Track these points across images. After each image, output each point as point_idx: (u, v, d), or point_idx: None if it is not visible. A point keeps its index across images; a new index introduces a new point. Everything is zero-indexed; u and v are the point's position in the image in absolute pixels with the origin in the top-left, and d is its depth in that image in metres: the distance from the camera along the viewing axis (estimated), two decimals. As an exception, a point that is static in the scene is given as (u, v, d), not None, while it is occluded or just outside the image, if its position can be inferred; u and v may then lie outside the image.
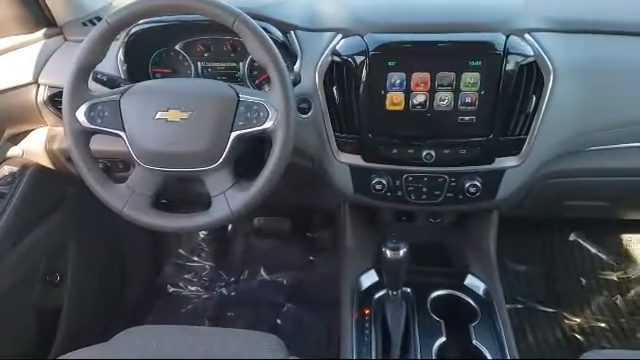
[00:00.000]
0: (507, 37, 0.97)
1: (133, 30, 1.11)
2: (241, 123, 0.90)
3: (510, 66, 0.96)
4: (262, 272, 1.92)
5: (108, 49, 0.93)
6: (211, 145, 0.90)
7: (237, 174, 0.95)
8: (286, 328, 1.70)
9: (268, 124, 0.89)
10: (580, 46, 1.04)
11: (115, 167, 1.22)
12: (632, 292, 1.73)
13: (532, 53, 0.97)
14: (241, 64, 1.19)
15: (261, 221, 1.93)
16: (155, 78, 1.20)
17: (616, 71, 1.04)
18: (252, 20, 0.89)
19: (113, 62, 1.12)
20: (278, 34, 1.09)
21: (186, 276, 1.93)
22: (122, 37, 1.12)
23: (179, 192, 1.18)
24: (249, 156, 1.03)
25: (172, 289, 1.88)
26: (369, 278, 1.18)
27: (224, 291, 1.87)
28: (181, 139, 0.91)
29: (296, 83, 1.00)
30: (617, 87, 1.03)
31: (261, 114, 0.89)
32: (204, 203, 0.94)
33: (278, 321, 1.73)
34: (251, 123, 0.90)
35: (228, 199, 0.92)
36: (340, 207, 1.31)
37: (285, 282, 1.88)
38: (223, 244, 2.01)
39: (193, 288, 1.89)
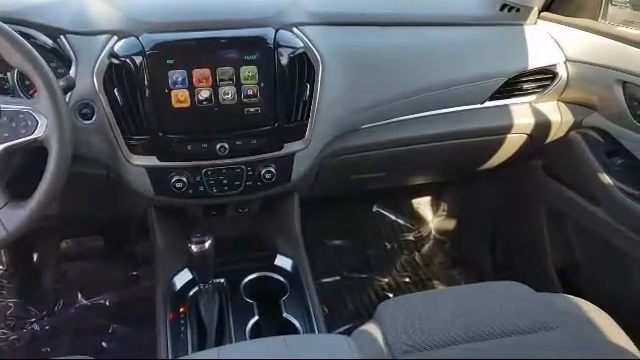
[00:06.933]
0: (277, 31, 1.05)
1: None
2: (6, 135, 0.83)
3: (283, 58, 1.04)
4: (80, 298, 1.77)
5: None
6: None
7: (15, 192, 0.87)
8: (113, 349, 1.60)
9: (38, 133, 0.84)
10: (343, 36, 1.17)
11: None
12: (425, 247, 2.03)
13: (301, 45, 1.07)
14: (9, 74, 1.08)
15: (69, 244, 1.78)
16: None
17: (374, 57, 1.19)
18: (2, 24, 0.82)
19: None
20: (45, 39, 1.02)
21: (-15, 320, 1.70)
22: None
23: None
24: (31, 172, 0.96)
25: (-32, 339, 1.64)
26: (182, 277, 1.18)
27: (36, 327, 1.68)
28: None
29: (70, 88, 0.95)
30: (376, 71, 1.18)
31: (29, 123, 0.84)
32: None
33: (103, 344, 1.62)
34: (19, 134, 0.83)
35: (2, 219, 0.84)
36: (146, 212, 1.29)
37: (107, 303, 1.77)
38: (29, 276, 1.80)
39: (-4, 332, 1.67)
